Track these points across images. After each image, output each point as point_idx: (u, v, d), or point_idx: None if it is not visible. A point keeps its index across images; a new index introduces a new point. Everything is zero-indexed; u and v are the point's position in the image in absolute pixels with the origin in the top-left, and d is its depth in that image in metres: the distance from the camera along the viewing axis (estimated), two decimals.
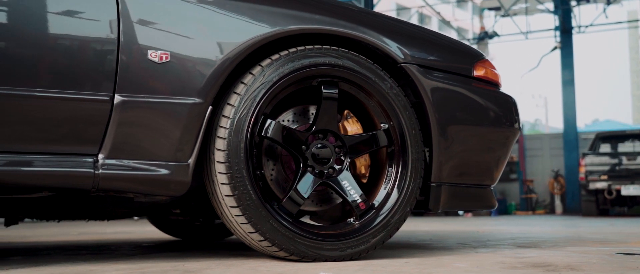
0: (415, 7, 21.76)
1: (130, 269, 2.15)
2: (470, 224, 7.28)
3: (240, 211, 2.22)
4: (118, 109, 2.12)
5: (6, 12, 2.07)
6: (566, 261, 2.32)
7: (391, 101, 2.48)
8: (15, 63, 2.04)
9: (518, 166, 18.46)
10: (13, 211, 2.75)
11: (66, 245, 3.64)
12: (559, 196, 17.57)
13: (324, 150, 2.41)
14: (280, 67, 2.32)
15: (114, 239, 4.34)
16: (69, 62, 2.10)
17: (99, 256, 2.70)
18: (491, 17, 20.90)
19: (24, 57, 2.05)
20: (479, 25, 19.23)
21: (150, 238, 4.46)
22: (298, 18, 2.40)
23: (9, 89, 2.02)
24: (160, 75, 2.18)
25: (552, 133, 22.13)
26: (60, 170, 2.09)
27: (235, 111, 2.25)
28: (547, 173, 18.40)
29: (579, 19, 17.69)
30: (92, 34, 2.14)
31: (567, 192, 17.20)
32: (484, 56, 2.83)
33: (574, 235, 4.37)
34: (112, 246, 3.39)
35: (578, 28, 17.73)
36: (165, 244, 3.60)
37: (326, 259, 2.32)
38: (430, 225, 6.84)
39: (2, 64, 2.02)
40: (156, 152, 2.17)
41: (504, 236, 4.24)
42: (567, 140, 17.49)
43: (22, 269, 2.19)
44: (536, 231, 5.23)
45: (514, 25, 18.52)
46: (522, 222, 8.40)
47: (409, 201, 2.48)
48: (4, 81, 2.01)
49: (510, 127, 2.81)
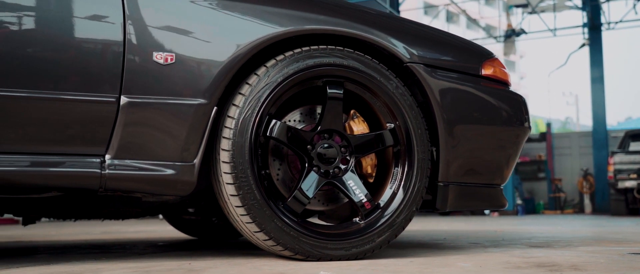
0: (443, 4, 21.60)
1: (137, 267, 2.18)
2: (492, 224, 7.24)
3: (245, 211, 2.25)
4: (124, 110, 2.16)
5: (16, 18, 2.12)
6: (573, 261, 2.30)
7: (397, 100, 2.48)
8: (23, 66, 2.08)
9: (546, 164, 18.26)
10: (28, 211, 2.81)
11: (83, 244, 3.71)
12: (588, 195, 17.32)
13: (329, 150, 2.42)
14: (285, 68, 2.34)
15: (132, 238, 4.41)
16: (76, 64, 2.14)
17: (111, 255, 2.75)
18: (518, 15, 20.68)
19: (31, 60, 2.10)
20: (506, 22, 19.02)
21: (167, 237, 4.51)
22: (302, 19, 2.41)
23: (17, 91, 2.06)
24: (166, 76, 2.21)
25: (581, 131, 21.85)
26: (67, 170, 2.14)
27: (240, 112, 2.27)
28: (576, 172, 18.16)
29: (608, 15, 17.42)
30: (99, 36, 2.18)
31: (597, 192, 16.96)
32: (493, 55, 2.81)
33: (594, 235, 4.32)
34: (127, 245, 3.44)
35: (607, 24, 17.46)
36: (179, 243, 3.64)
37: (331, 259, 2.33)
38: (451, 225, 6.81)
39: (11, 67, 2.07)
40: (162, 153, 2.20)
41: (521, 235, 4.21)
42: (597, 138, 17.26)
43: (32, 267, 2.24)
44: (556, 230, 5.18)
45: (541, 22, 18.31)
46: (547, 221, 8.32)
47: (415, 200, 2.48)
48: (13, 83, 2.06)
49: (520, 126, 2.79)
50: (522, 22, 19.16)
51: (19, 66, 2.08)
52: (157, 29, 2.24)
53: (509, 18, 19.00)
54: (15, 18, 2.12)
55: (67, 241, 4.07)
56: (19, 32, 2.12)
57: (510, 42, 18.70)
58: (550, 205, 17.75)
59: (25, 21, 2.13)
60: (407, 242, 3.44)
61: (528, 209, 16.73)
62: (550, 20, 32.80)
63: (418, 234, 4.47)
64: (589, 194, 17.29)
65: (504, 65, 2.84)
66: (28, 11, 2.13)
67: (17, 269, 2.19)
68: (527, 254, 2.63)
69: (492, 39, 19.91)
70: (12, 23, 2.12)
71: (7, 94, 2.06)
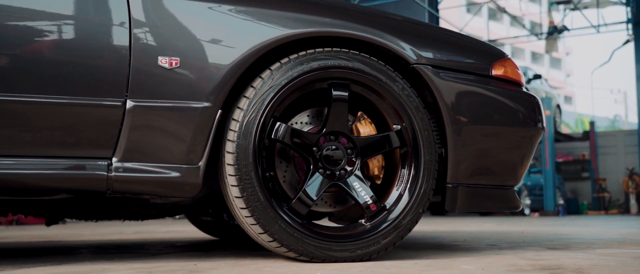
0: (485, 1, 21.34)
1: (141, 268, 2.23)
2: (526, 225, 7.13)
3: (249, 213, 2.27)
4: (130, 114, 2.20)
5: (25, 25, 2.18)
6: (580, 264, 2.27)
7: (403, 102, 2.48)
8: (32, 72, 2.14)
9: (590, 164, 17.93)
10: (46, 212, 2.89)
11: (105, 244, 3.79)
12: (634, 195, 16.94)
13: (334, 152, 2.43)
14: (289, 71, 2.36)
15: (157, 238, 4.48)
16: (83, 69, 2.19)
17: (124, 255, 2.81)
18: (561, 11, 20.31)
19: (41, 66, 2.16)
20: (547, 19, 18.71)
21: (191, 237, 4.58)
22: (307, 21, 2.43)
23: (27, 96, 2.13)
24: (170, 80, 2.25)
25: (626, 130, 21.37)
26: (75, 173, 2.19)
27: (244, 115, 2.30)
28: (622, 171, 17.77)
29: None
30: (105, 42, 2.23)
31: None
32: (505, 55, 2.78)
33: (623, 236, 4.23)
34: (146, 245, 3.51)
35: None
36: (198, 244, 3.69)
37: (336, 260, 2.34)
38: (481, 225, 6.74)
39: (21, 73, 2.13)
40: (167, 156, 2.24)
41: (546, 237, 4.15)
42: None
43: (41, 267, 2.31)
44: (587, 231, 5.08)
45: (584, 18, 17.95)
46: (585, 222, 8.15)
47: (421, 202, 2.47)
48: (23, 89, 2.13)
49: (534, 126, 2.76)
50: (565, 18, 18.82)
51: (29, 72, 2.14)
52: (162, 34, 2.28)
53: (551, 15, 18.68)
54: (24, 25, 2.18)
55: (90, 241, 4.17)
56: (28, 39, 2.18)
57: (552, 39, 18.40)
58: (594, 205, 17.40)
59: (34, 28, 2.19)
60: (423, 244, 3.43)
61: (571, 209, 16.44)
62: (593, 17, 31.95)
63: (441, 235, 4.44)
64: (635, 194, 16.90)
65: (516, 66, 2.82)
66: (37, 18, 2.19)
67: (23, 269, 2.25)
68: (538, 256, 2.60)
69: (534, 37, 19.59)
70: (21, 30, 2.18)
71: (18, 99, 2.12)
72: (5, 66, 2.14)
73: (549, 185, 13.95)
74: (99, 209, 2.91)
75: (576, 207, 17.04)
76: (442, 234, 4.60)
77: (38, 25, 2.19)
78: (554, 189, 14.00)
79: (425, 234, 4.52)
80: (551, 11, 18.73)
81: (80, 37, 2.22)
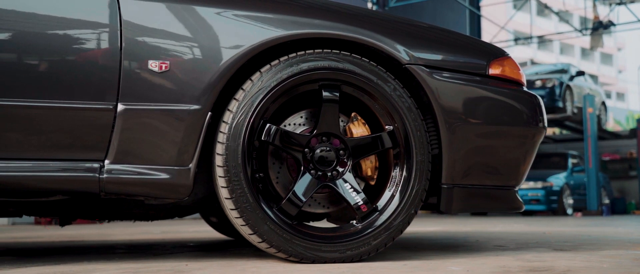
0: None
1: (129, 268, 2.28)
2: (557, 225, 7.00)
3: (239, 213, 2.30)
4: (121, 116, 2.25)
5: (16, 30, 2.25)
6: (572, 266, 2.23)
7: (394, 103, 2.47)
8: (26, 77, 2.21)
9: (637, 162, 17.44)
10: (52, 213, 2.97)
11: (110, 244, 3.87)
12: None
13: (325, 152, 2.44)
14: (279, 73, 2.38)
15: (176, 238, 4.56)
16: (75, 74, 2.25)
17: (128, 256, 2.87)
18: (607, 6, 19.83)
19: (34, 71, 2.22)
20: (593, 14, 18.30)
21: (209, 237, 4.63)
22: (297, 23, 2.44)
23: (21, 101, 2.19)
24: (160, 83, 2.29)
25: None
26: (68, 175, 2.25)
27: (233, 117, 2.33)
28: None
29: None
30: (96, 46, 2.29)
31: None
32: (504, 54, 2.75)
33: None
34: (155, 246, 3.58)
35: None
36: (209, 244, 3.74)
37: (325, 261, 2.35)
38: (508, 226, 6.64)
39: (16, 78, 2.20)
40: (158, 157, 2.28)
41: (563, 238, 4.07)
42: None
43: (32, 267, 2.38)
44: (614, 232, 4.97)
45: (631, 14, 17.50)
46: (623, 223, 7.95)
47: (413, 203, 2.46)
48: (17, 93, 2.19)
49: (534, 126, 2.71)
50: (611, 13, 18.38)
51: (23, 77, 2.21)
52: (152, 38, 2.32)
53: (596, 10, 18.26)
54: (18, 30, 2.25)
55: (100, 241, 4.26)
56: (22, 44, 2.24)
57: (597, 35, 17.97)
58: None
59: (28, 33, 2.25)
60: (428, 245, 3.40)
61: (618, 209, 16.06)
62: None
63: (455, 236, 4.40)
64: None
65: (516, 65, 2.77)
66: (28, 23, 2.26)
67: (13, 270, 2.32)
68: (536, 258, 2.56)
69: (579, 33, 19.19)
70: (15, 35, 2.25)
71: (12, 103, 2.19)
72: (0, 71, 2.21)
73: (592, 184, 13.65)
74: (106, 210, 2.98)
75: (623, 206, 16.63)
76: (453, 235, 4.56)
77: (31, 30, 2.25)
78: (597, 188, 13.70)
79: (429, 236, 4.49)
80: (596, 6, 18.29)
81: (72, 42, 2.27)
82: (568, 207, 13.80)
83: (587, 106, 14.01)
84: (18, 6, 2.26)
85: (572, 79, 14.88)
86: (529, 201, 13.22)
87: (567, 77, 14.55)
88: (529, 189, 13.27)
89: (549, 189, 13.36)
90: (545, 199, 13.25)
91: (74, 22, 2.29)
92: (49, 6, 2.28)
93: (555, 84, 13.97)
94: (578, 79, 15.29)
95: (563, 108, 14.08)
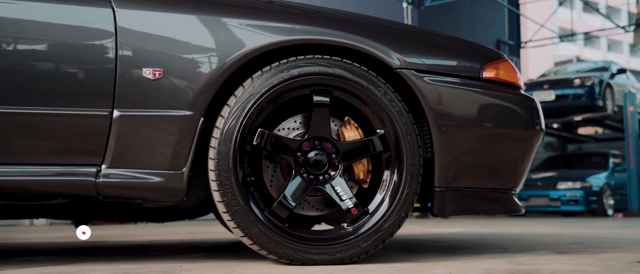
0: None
1: (122, 269, 2.36)
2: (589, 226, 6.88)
3: (230, 216, 2.37)
4: (117, 123, 2.34)
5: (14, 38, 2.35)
6: (560, 268, 2.23)
7: (385, 107, 2.50)
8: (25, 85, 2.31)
9: None
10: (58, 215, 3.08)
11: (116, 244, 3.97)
12: None
13: (316, 156, 2.49)
14: (270, 78, 2.43)
15: (196, 239, 4.65)
16: (72, 81, 2.34)
17: (125, 256, 2.96)
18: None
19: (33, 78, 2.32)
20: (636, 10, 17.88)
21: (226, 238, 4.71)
22: (288, 30, 2.49)
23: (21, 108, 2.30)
24: (154, 90, 2.37)
25: None
26: (67, 179, 2.35)
27: (225, 122, 2.39)
28: None
29: None
30: (93, 54, 2.36)
31: None
32: (500, 57, 2.75)
33: None
34: (166, 247, 3.67)
35: None
36: (221, 245, 3.82)
37: (315, 263, 2.40)
38: (533, 228, 6.57)
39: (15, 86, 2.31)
40: (152, 162, 2.36)
41: (578, 240, 4.02)
42: None
43: (26, 268, 2.48)
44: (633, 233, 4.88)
45: None
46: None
47: (403, 206, 2.49)
48: (18, 101, 2.30)
49: (531, 129, 2.71)
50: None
51: (22, 85, 2.31)
52: (146, 46, 2.40)
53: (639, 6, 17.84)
54: (16, 39, 2.35)
55: (113, 242, 4.37)
56: (20, 53, 2.34)
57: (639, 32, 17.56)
58: None
59: (26, 42, 2.35)
60: (431, 248, 3.41)
61: None
62: None
63: (465, 238, 4.39)
64: None
65: (512, 68, 2.77)
66: (25, 31, 2.35)
67: (9, 270, 2.43)
68: (529, 261, 2.56)
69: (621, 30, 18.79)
70: (13, 45, 2.35)
71: (13, 111, 2.29)
72: None
73: (633, 184, 13.36)
74: (113, 212, 3.08)
75: None
76: (466, 237, 4.54)
77: (28, 39, 2.35)
78: (639, 189, 13.39)
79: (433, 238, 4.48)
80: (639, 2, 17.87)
81: (69, 51, 2.36)
82: (608, 208, 13.52)
83: (627, 105, 13.71)
84: (14, 15, 2.36)
85: (613, 77, 14.56)
86: (567, 201, 12.99)
87: (607, 75, 14.25)
88: (568, 190, 13.04)
89: (588, 190, 13.11)
90: (584, 200, 13.00)
91: (70, 31, 2.38)
92: (46, 15, 2.38)
93: (595, 82, 13.69)
94: (620, 76, 14.96)
95: (603, 107, 13.79)
